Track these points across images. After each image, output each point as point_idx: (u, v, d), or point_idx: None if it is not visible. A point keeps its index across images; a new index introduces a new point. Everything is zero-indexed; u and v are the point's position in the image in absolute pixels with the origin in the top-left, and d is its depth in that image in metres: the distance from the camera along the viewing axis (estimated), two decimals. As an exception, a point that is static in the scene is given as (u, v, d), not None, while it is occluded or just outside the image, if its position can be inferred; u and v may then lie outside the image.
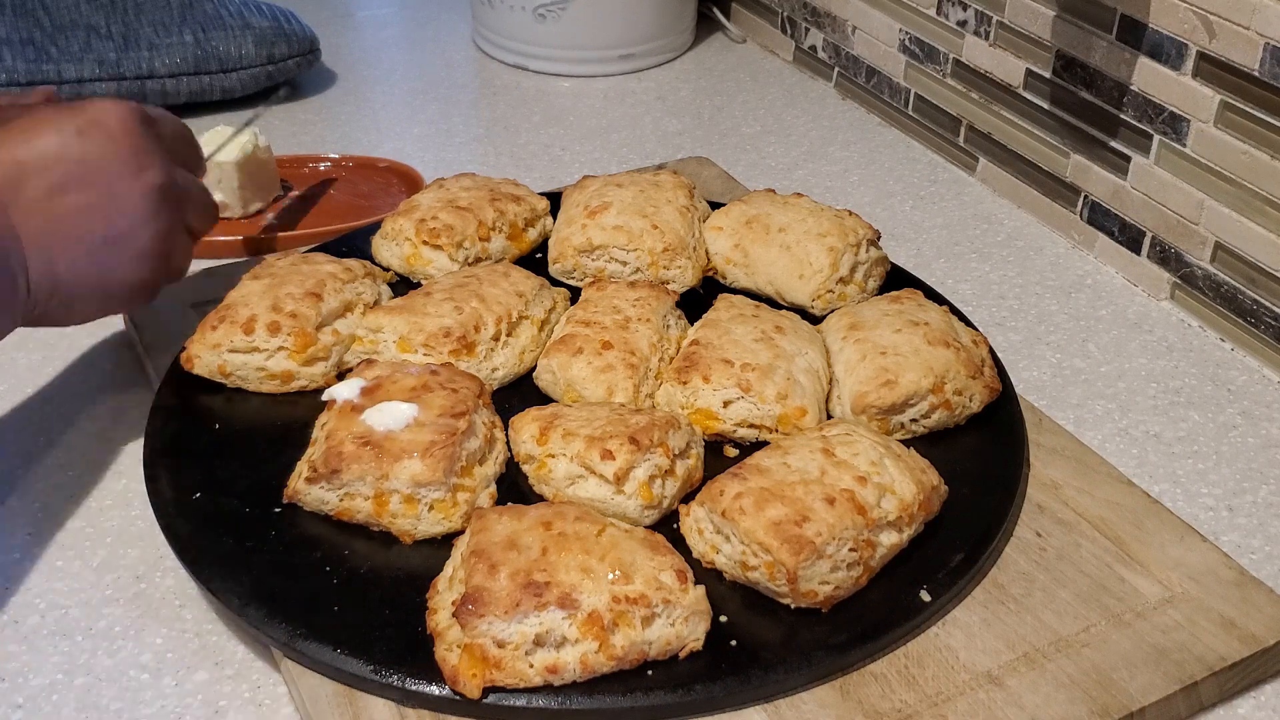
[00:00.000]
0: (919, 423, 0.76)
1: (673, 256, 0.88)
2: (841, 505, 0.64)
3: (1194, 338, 0.92)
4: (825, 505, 0.63)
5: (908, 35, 1.16)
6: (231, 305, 0.79)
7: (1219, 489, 0.78)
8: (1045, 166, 1.04)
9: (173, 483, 0.71)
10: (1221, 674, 0.63)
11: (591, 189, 0.92)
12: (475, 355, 0.79)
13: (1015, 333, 0.92)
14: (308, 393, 0.79)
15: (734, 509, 0.64)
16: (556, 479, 0.69)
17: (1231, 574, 0.68)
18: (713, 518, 0.65)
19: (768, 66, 1.35)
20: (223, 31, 1.18)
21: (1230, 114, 0.87)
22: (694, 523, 0.67)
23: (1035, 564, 0.69)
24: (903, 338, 0.77)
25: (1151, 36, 0.91)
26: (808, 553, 0.62)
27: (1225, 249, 0.89)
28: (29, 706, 0.63)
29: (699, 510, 0.67)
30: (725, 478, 0.66)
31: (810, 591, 0.63)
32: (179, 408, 0.77)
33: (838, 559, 0.63)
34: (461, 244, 0.88)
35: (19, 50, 1.13)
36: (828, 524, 0.63)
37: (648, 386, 0.77)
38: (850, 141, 1.20)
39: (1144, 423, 0.84)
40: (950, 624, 0.65)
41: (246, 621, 0.63)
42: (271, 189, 1.05)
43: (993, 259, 1.01)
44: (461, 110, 1.26)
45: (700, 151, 1.16)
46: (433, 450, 0.67)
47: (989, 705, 0.60)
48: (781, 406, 0.74)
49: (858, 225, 0.88)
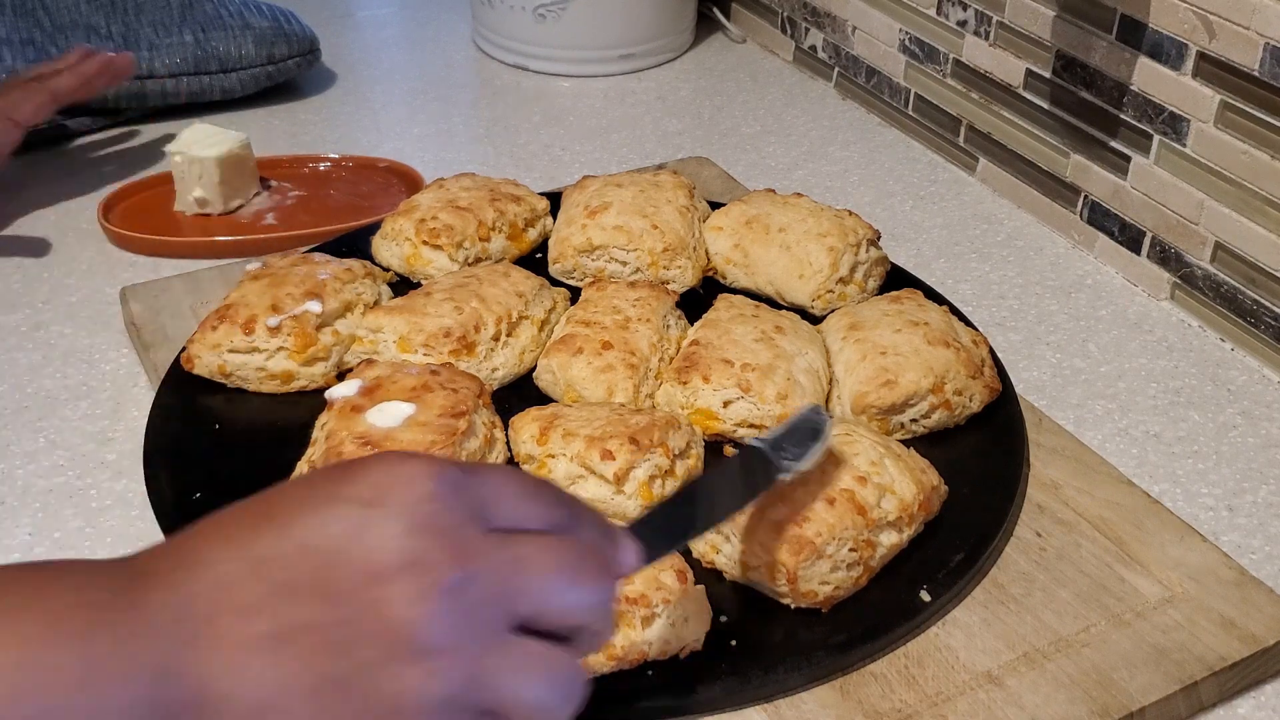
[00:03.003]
0: (919, 423, 0.76)
1: (673, 256, 0.88)
2: (841, 505, 0.64)
3: (1194, 338, 0.92)
4: (825, 505, 0.63)
5: (908, 35, 1.16)
6: (231, 305, 0.79)
7: (1219, 489, 0.78)
8: (1045, 166, 1.04)
9: (173, 483, 0.71)
10: (1221, 674, 0.63)
11: (591, 189, 0.92)
12: (475, 355, 0.79)
13: (1015, 333, 0.92)
14: (308, 393, 0.79)
15: None
16: (556, 479, 0.69)
17: (1231, 574, 0.68)
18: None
19: (768, 66, 1.35)
20: (223, 31, 1.18)
21: (1230, 114, 0.87)
22: (694, 523, 0.67)
23: (1035, 564, 0.69)
24: (903, 338, 0.77)
25: (1151, 36, 0.91)
26: (808, 553, 0.62)
27: (1225, 249, 0.89)
28: (29, 706, 0.62)
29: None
30: None
31: (810, 592, 0.63)
32: (179, 408, 0.77)
33: (838, 559, 0.63)
34: (461, 244, 0.88)
35: (19, 50, 1.13)
36: (828, 524, 0.63)
37: (648, 386, 0.77)
38: (850, 141, 1.20)
39: (1144, 423, 0.84)
40: (950, 624, 0.65)
41: (246, 621, 0.63)
42: (251, 185, 1.05)
43: (993, 259, 1.01)
44: (461, 110, 1.26)
45: (700, 151, 1.16)
46: (432, 450, 0.67)
47: (989, 705, 0.60)
48: (781, 406, 0.73)
49: (858, 225, 0.88)
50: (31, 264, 0.98)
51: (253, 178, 1.05)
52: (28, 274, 0.97)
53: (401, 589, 0.42)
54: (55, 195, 1.07)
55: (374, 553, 0.43)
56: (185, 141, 1.02)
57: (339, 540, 0.43)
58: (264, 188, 1.07)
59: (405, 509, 0.43)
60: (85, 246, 1.00)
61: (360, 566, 0.43)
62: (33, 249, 1.00)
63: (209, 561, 0.44)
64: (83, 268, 0.97)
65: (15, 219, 1.04)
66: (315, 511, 0.44)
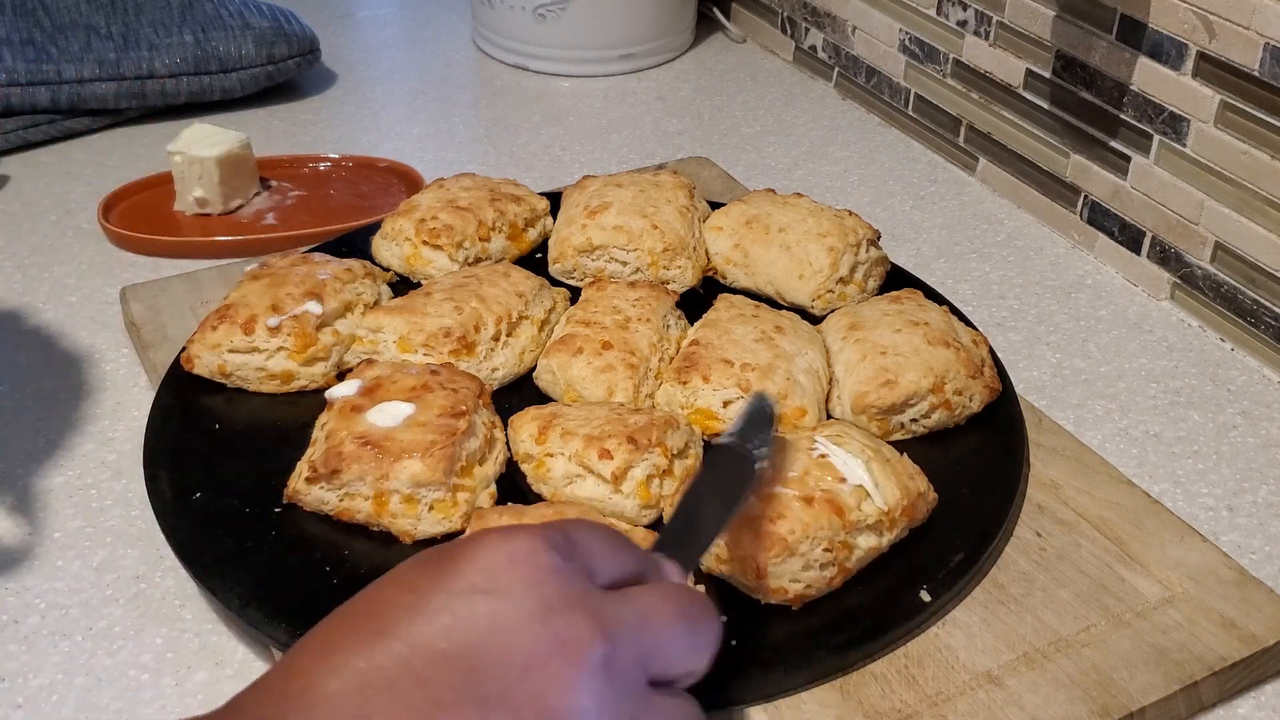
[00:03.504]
0: (919, 423, 0.76)
1: (673, 256, 0.88)
2: (819, 505, 0.63)
3: (1194, 338, 0.92)
4: (803, 504, 0.63)
5: (908, 35, 1.16)
6: (231, 305, 0.79)
7: (1219, 489, 0.78)
8: (1045, 166, 1.04)
9: (173, 483, 0.71)
10: (1221, 674, 0.63)
11: (591, 189, 0.92)
12: (475, 355, 0.79)
13: (1015, 333, 0.92)
14: (308, 393, 0.79)
15: None
16: (554, 478, 0.69)
17: (1231, 574, 0.68)
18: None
19: (768, 66, 1.35)
20: (223, 31, 1.18)
21: (1230, 114, 0.87)
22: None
23: (1035, 564, 0.69)
24: (903, 338, 0.77)
25: (1151, 36, 0.91)
26: (779, 550, 0.62)
27: (1225, 249, 0.89)
28: (29, 706, 0.63)
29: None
30: None
31: (780, 589, 0.63)
32: (179, 408, 0.77)
33: (810, 558, 0.63)
34: (461, 244, 0.88)
35: (19, 50, 1.13)
36: (802, 523, 0.63)
37: (648, 386, 0.77)
38: (850, 141, 1.20)
39: (1144, 423, 0.84)
40: (950, 624, 0.65)
41: (246, 621, 0.63)
42: (251, 185, 1.05)
43: (993, 259, 1.01)
44: (461, 110, 1.26)
45: (700, 151, 1.16)
46: (433, 450, 0.67)
47: (989, 705, 0.60)
48: (781, 407, 0.73)
49: (858, 225, 0.88)
50: (31, 264, 0.98)
51: (253, 178, 1.05)
52: (28, 274, 0.97)
53: (553, 675, 0.40)
54: (55, 195, 1.07)
55: (516, 642, 0.40)
56: (185, 141, 1.02)
57: (473, 638, 0.40)
58: (264, 188, 1.07)
59: (530, 589, 0.41)
60: (85, 246, 1.00)
61: (506, 660, 0.40)
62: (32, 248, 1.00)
63: (327, 695, 0.39)
64: (83, 268, 0.97)
65: (15, 219, 1.04)
66: (432, 615, 0.40)
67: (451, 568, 0.42)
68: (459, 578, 0.41)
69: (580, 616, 0.41)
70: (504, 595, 0.41)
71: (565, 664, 0.40)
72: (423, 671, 0.39)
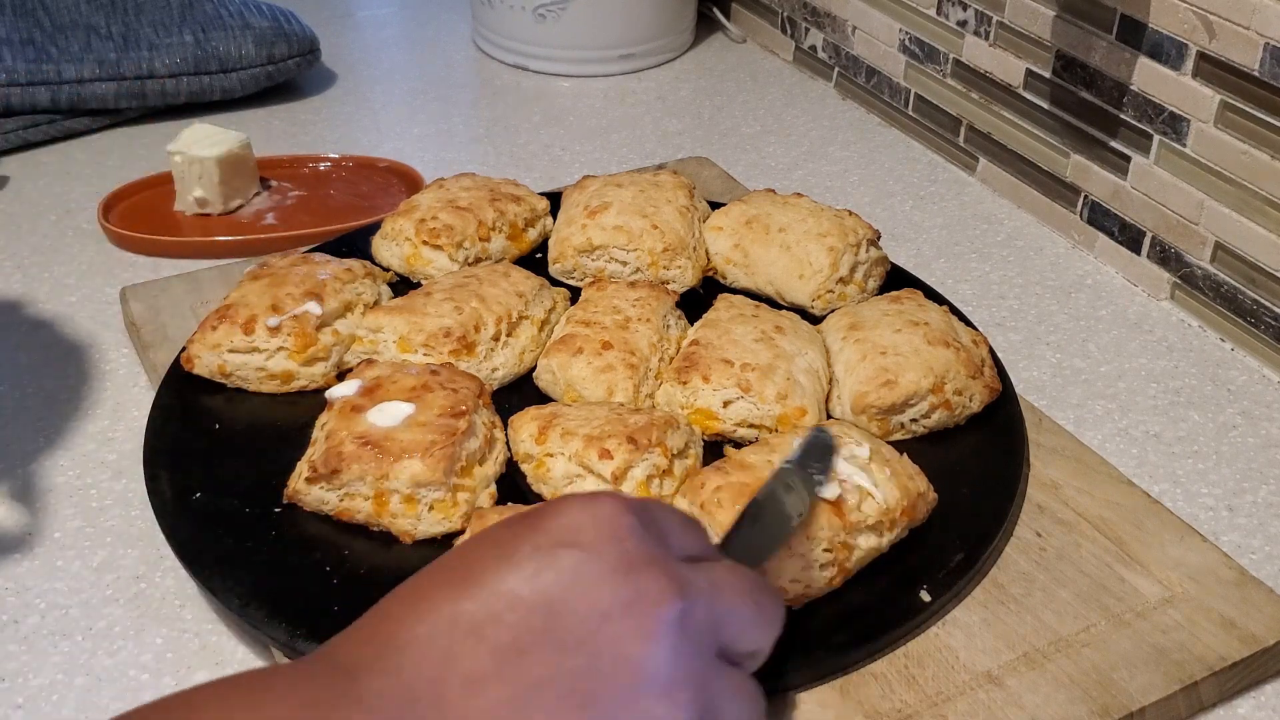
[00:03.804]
0: (919, 423, 0.76)
1: (673, 256, 0.88)
2: (820, 505, 0.64)
3: (1194, 338, 0.92)
4: None
5: (908, 35, 1.16)
6: (231, 305, 0.79)
7: (1219, 489, 0.78)
8: (1045, 166, 1.04)
9: (173, 483, 0.71)
10: (1221, 674, 0.63)
11: (591, 189, 0.92)
12: (475, 355, 0.79)
13: (1015, 333, 0.92)
14: (308, 393, 0.79)
15: (711, 501, 0.64)
16: (554, 478, 0.69)
17: (1231, 574, 0.68)
18: (693, 510, 0.65)
19: (768, 66, 1.35)
20: (223, 31, 1.18)
21: (1230, 114, 0.87)
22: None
23: (1035, 564, 0.69)
24: (903, 338, 0.77)
25: (1151, 36, 0.91)
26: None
27: (1225, 249, 0.89)
28: (29, 707, 0.63)
29: (681, 502, 0.67)
30: (709, 471, 0.66)
31: (780, 589, 0.63)
32: (179, 408, 0.77)
33: (811, 558, 0.63)
34: (461, 244, 0.88)
35: (19, 50, 1.13)
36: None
37: (648, 386, 0.77)
38: (850, 141, 1.20)
39: (1144, 423, 0.84)
40: (950, 624, 0.65)
41: (246, 621, 0.63)
42: (251, 185, 1.05)
43: (993, 259, 1.01)
44: (461, 110, 1.26)
45: (700, 151, 1.16)
46: (433, 450, 0.67)
47: (989, 705, 0.60)
48: (781, 406, 0.73)
49: (858, 225, 0.88)
50: (31, 264, 0.98)
51: (253, 178, 1.06)
52: (28, 274, 0.97)
53: (632, 625, 0.42)
54: (55, 195, 1.07)
55: (595, 594, 0.42)
56: (185, 141, 1.02)
57: (555, 588, 0.42)
58: (264, 188, 1.07)
59: (611, 546, 0.43)
60: (85, 246, 1.00)
61: (585, 610, 0.42)
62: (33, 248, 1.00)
63: (416, 638, 0.42)
64: (83, 268, 0.97)
65: (15, 219, 1.04)
66: (519, 565, 0.43)
67: (539, 524, 0.44)
68: (545, 533, 0.44)
69: (659, 572, 0.43)
70: (587, 549, 0.43)
71: (644, 615, 0.42)
72: (506, 617, 0.42)
